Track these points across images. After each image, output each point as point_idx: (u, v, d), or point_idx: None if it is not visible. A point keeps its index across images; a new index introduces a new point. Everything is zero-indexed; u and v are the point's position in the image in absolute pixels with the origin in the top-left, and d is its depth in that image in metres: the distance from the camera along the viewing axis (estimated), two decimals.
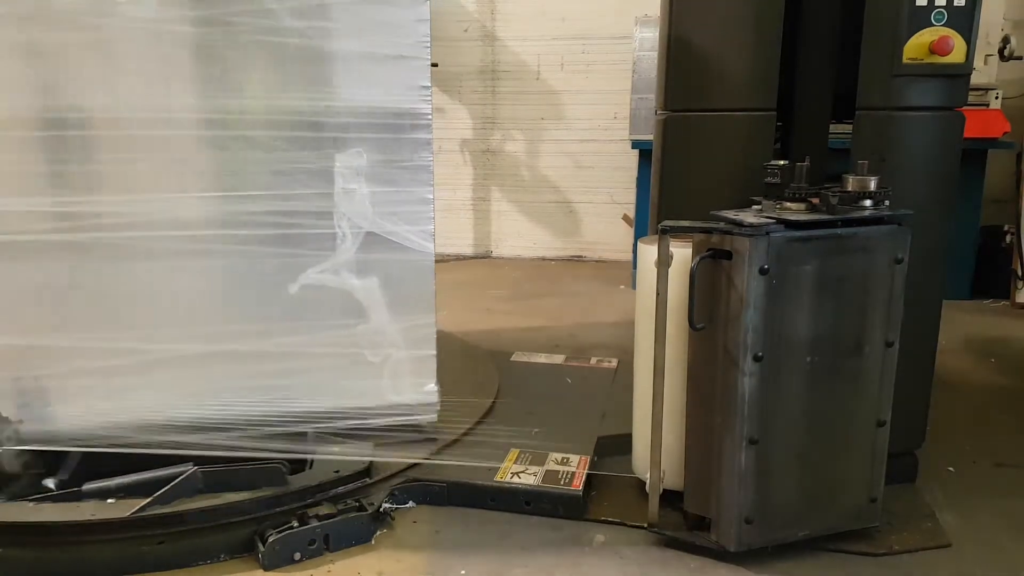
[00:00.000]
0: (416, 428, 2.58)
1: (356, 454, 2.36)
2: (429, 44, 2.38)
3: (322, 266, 2.44)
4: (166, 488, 2.07)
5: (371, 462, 2.34)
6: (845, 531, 2.11)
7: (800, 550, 2.07)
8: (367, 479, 2.31)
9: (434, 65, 3.97)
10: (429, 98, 2.40)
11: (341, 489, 2.24)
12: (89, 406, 2.35)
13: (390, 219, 2.45)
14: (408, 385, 2.55)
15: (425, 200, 2.46)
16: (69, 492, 2.15)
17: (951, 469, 2.61)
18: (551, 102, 6.40)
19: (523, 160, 6.58)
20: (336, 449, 2.39)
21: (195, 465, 2.17)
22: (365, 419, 2.52)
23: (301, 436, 2.42)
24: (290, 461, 2.30)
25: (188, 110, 2.31)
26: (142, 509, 2.01)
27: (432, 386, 2.58)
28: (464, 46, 6.38)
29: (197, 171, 2.36)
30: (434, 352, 2.56)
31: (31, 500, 2.11)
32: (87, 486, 2.14)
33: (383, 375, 2.52)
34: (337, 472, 2.26)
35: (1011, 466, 2.65)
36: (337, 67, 2.35)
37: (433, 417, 2.59)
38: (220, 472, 2.18)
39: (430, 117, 2.41)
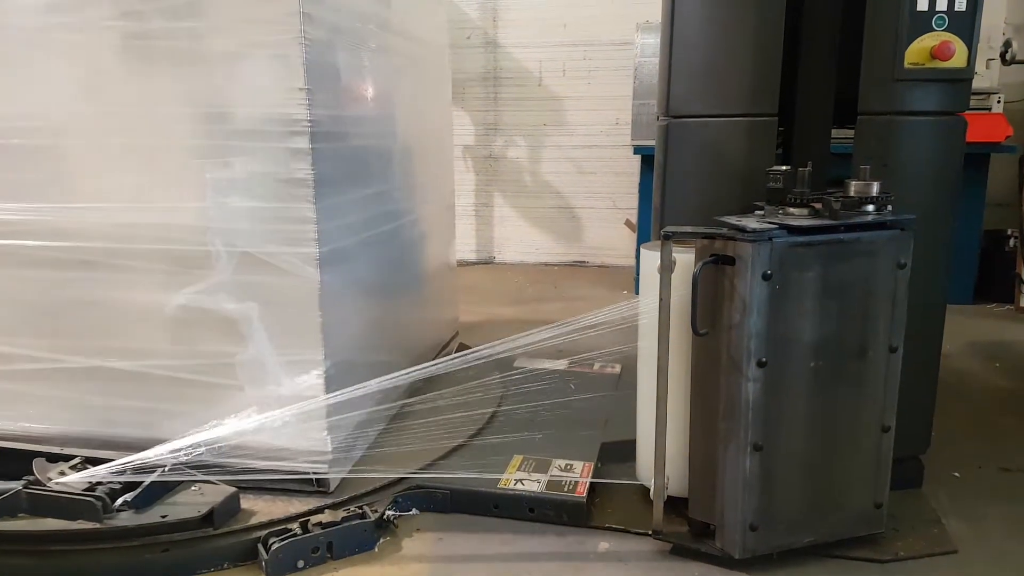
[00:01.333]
0: (302, 476, 2.30)
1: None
2: (304, 41, 2.12)
3: (197, 286, 2.26)
4: None
5: (212, 509, 2.09)
6: (850, 537, 2.10)
7: (805, 557, 2.06)
8: (210, 530, 2.08)
9: None
10: (305, 102, 2.14)
11: (177, 536, 2.04)
12: None
13: (267, 238, 2.22)
14: (292, 429, 2.23)
15: (306, 219, 2.20)
16: None
17: (957, 474, 2.59)
18: (553, 108, 6.42)
19: (525, 166, 6.59)
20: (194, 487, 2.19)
21: (23, 487, 2.12)
22: (240, 459, 2.26)
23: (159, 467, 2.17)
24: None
25: (59, 118, 2.27)
26: None
27: (322, 434, 2.28)
28: (466, 53, 6.40)
29: (68, 180, 2.30)
30: (323, 393, 2.26)
31: None
32: None
33: (262, 413, 2.22)
34: (164, 517, 2.07)
35: (1017, 471, 2.64)
36: (203, 68, 2.19)
37: (324, 468, 2.30)
38: (44, 497, 2.12)
39: (308, 123, 2.15)
